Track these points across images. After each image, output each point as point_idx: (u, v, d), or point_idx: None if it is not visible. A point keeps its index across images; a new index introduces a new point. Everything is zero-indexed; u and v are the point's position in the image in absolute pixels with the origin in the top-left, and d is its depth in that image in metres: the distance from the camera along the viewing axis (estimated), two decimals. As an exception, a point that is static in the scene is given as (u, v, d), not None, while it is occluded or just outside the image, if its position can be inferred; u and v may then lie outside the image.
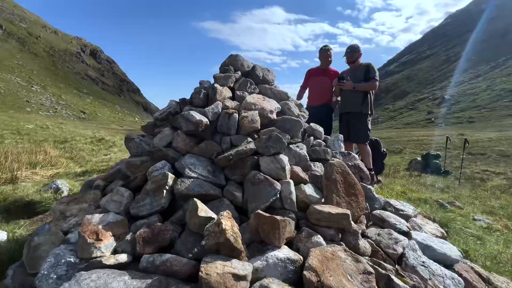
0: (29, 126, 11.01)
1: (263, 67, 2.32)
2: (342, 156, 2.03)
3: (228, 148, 1.66)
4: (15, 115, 22.51)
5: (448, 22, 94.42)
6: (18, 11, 66.36)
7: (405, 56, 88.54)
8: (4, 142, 7.17)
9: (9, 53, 51.20)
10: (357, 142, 3.40)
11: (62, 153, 6.17)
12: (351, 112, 3.40)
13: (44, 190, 2.97)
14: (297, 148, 1.72)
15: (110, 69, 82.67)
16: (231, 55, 2.30)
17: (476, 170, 7.91)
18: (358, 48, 3.39)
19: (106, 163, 4.18)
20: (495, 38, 61.34)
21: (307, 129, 2.17)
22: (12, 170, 4.10)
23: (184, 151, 1.65)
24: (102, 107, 53.33)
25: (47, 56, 62.37)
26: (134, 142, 1.74)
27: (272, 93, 2.19)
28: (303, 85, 3.94)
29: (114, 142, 7.51)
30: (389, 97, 61.99)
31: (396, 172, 6.88)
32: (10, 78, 40.67)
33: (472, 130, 23.47)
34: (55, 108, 37.09)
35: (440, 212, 2.70)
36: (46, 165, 4.81)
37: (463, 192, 5.24)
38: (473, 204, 4.08)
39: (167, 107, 1.87)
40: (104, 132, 17.72)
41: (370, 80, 3.27)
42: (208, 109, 1.72)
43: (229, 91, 1.99)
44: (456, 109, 39.10)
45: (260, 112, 1.79)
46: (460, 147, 13.52)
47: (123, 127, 30.13)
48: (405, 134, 23.24)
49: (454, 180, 6.38)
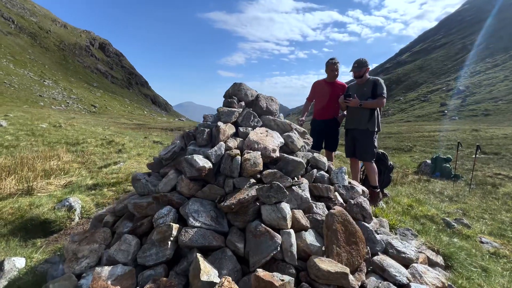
0: (43, 126, 11.34)
1: (266, 96, 2.31)
2: (345, 190, 2.04)
3: (231, 191, 1.70)
4: (29, 110, 23.23)
5: (465, 8, 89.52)
6: (28, 5, 67.14)
7: (419, 45, 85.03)
8: (20, 145, 7.45)
9: (21, 48, 52.27)
10: (363, 160, 3.38)
11: (74, 157, 6.37)
12: (357, 129, 3.36)
13: (58, 207, 3.11)
14: (299, 190, 1.73)
15: (118, 63, 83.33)
16: (234, 84, 2.30)
17: (488, 173, 7.70)
18: (366, 63, 3.31)
19: (116, 175, 4.31)
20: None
21: (311, 160, 2.17)
22: (28, 181, 4.30)
23: (188, 195, 1.70)
24: (112, 101, 54.24)
25: (58, 50, 63.36)
26: (141, 183, 1.80)
27: (276, 124, 2.19)
28: (309, 97, 3.90)
29: (123, 145, 7.68)
30: (400, 88, 60.20)
31: (405, 177, 6.78)
32: (23, 73, 41.73)
33: (487, 124, 22.64)
34: (67, 102, 38.00)
35: (445, 236, 2.68)
36: (60, 173, 5.00)
37: (473, 201, 5.14)
38: (482, 219, 4.01)
39: (172, 146, 1.91)
40: (114, 128, 18.09)
41: (378, 97, 3.20)
42: (211, 152, 1.74)
43: (233, 127, 2.00)
44: (471, 101, 37.68)
45: (262, 152, 1.80)
46: (472, 145, 13.15)
47: (133, 121, 30.64)
48: (416, 128, 22.66)
49: (465, 186, 6.25)
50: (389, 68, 79.20)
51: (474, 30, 68.01)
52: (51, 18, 72.85)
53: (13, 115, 14.20)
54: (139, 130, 20.08)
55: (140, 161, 5.41)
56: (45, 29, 64.99)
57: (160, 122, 32.56)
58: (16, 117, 13.73)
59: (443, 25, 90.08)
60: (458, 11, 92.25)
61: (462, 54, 60.31)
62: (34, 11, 67.37)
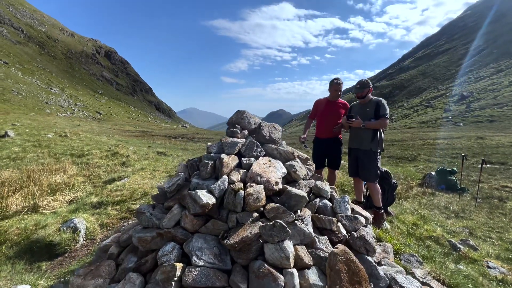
0: (49, 136, 11.53)
1: (269, 124, 2.34)
2: (348, 220, 2.03)
3: (234, 226, 1.71)
4: (36, 117, 23.65)
5: (467, 13, 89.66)
6: (37, 16, 69.01)
7: (421, 51, 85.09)
8: (26, 157, 7.57)
9: (30, 56, 53.54)
10: (366, 180, 3.37)
11: (79, 170, 6.45)
12: (360, 149, 3.36)
13: (63, 229, 3.14)
14: (301, 225, 1.74)
15: (123, 70, 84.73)
16: (237, 112, 2.33)
17: (494, 185, 7.58)
18: (368, 83, 3.33)
19: (121, 192, 4.35)
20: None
21: (313, 188, 2.18)
22: (34, 198, 4.37)
23: (192, 231, 1.71)
24: (117, 107, 54.97)
25: (65, 58, 64.73)
26: (145, 216, 1.82)
27: (278, 153, 2.21)
28: (311, 115, 3.93)
29: (127, 157, 7.75)
30: (403, 94, 60.08)
31: (409, 190, 6.71)
32: (31, 81, 42.63)
33: (493, 130, 22.39)
34: (73, 109, 38.63)
35: (452, 263, 2.64)
36: (65, 189, 5.06)
37: (479, 217, 5.06)
38: (489, 239, 3.94)
39: (176, 179, 1.94)
40: (119, 137, 18.29)
41: (380, 118, 3.20)
42: (214, 186, 1.77)
43: (236, 158, 2.03)
44: (475, 106, 37.39)
45: (265, 186, 1.82)
46: (478, 154, 13.00)
47: (137, 128, 30.97)
48: (420, 135, 22.50)
49: (471, 200, 6.16)
50: (392, 74, 79.20)
51: (476, 35, 67.96)
52: (59, 27, 74.69)
53: (20, 124, 14.46)
54: (143, 138, 20.28)
55: (144, 176, 5.45)
56: (53, 38, 66.59)
57: (164, 129, 32.83)
58: (23, 126, 13.98)
59: (446, 31, 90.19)
60: (460, 17, 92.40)
61: (465, 59, 60.17)
62: (42, 21, 69.19)
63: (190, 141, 21.13)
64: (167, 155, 8.82)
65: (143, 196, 4.20)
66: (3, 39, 51.07)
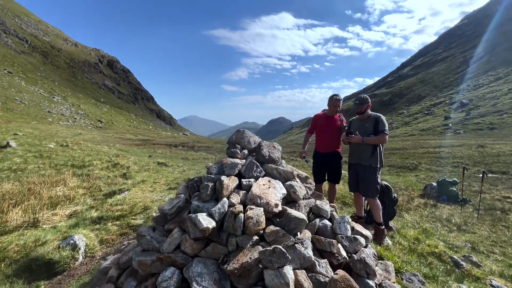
0: (50, 146, 11.58)
1: (268, 144, 2.37)
2: (348, 241, 2.03)
3: (234, 250, 1.71)
4: (37, 126, 23.81)
5: (465, 22, 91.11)
6: (42, 26, 70.44)
7: (420, 59, 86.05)
8: (27, 168, 7.59)
9: (33, 66, 54.35)
10: (367, 196, 3.36)
11: (79, 182, 6.46)
12: (360, 164, 3.37)
13: (62, 246, 3.13)
14: (301, 248, 1.74)
15: (125, 79, 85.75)
16: (238, 132, 2.37)
17: (496, 196, 7.53)
18: (367, 99, 3.37)
19: (121, 207, 4.34)
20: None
21: (313, 208, 2.18)
22: (34, 212, 4.36)
23: (192, 255, 1.72)
24: (118, 116, 55.32)
25: (68, 68, 65.65)
26: (146, 239, 1.83)
27: (278, 173, 2.23)
28: (310, 129, 3.96)
29: (128, 168, 7.77)
30: (403, 101, 60.39)
31: (411, 201, 6.67)
32: (33, 90, 43.13)
33: (493, 138, 22.38)
34: (74, 118, 38.92)
35: (454, 282, 2.61)
36: (65, 202, 5.06)
37: (482, 230, 5.01)
38: (492, 254, 3.90)
39: (176, 201, 1.95)
40: (119, 146, 18.35)
41: (379, 134, 3.23)
42: (214, 210, 1.78)
43: (236, 179, 2.04)
44: (475, 114, 37.52)
45: (265, 208, 1.83)
46: (479, 163, 12.97)
47: (138, 136, 31.10)
48: (421, 143, 22.48)
49: (473, 212, 6.11)
50: (392, 82, 79.84)
51: (474, 44, 68.84)
52: (63, 37, 76.11)
53: (22, 134, 14.54)
54: (143, 146, 20.34)
55: (144, 189, 5.45)
56: (56, 47, 67.76)
57: (165, 137, 32.93)
58: (25, 135, 14.06)
59: (443, 40, 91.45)
60: (458, 26, 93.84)
61: (463, 67, 60.75)
62: (47, 31, 70.59)
63: (190, 149, 21.17)
64: (167, 166, 8.83)
65: (144, 211, 4.19)
66: (8, 49, 51.99)
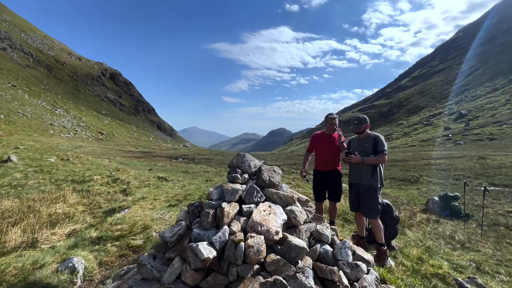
0: (51, 160, 11.60)
1: (268, 168, 2.40)
2: (349, 268, 2.01)
3: (235, 280, 1.70)
4: (39, 139, 23.93)
5: (459, 35, 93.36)
6: (47, 41, 72.26)
7: (417, 71, 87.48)
8: (27, 184, 7.59)
9: (37, 79, 55.32)
10: (368, 216, 3.35)
11: (79, 198, 6.44)
12: (360, 184, 3.38)
13: (61, 269, 3.09)
14: (302, 278, 1.73)
15: (127, 91, 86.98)
16: (238, 155, 2.40)
17: (500, 210, 7.46)
18: (366, 119, 3.43)
19: (120, 226, 4.31)
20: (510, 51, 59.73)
21: (314, 233, 2.18)
22: (33, 232, 4.33)
23: (193, 285, 1.70)
24: (119, 128, 55.69)
25: (71, 81, 66.75)
26: (146, 269, 1.82)
27: (278, 197, 2.24)
28: (309, 148, 4.00)
29: (128, 184, 7.76)
30: (402, 112, 60.89)
31: (413, 216, 6.60)
32: (36, 103, 43.68)
33: (494, 149, 22.38)
34: (76, 130, 39.19)
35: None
36: (64, 220, 5.02)
37: (486, 248, 4.93)
38: (497, 274, 3.82)
39: (177, 228, 1.96)
40: (120, 159, 18.37)
41: (379, 154, 3.26)
42: (215, 238, 1.78)
43: (237, 206, 2.06)
44: (475, 124, 37.72)
45: (266, 236, 1.83)
46: (481, 174, 12.92)
47: (138, 148, 31.18)
48: (422, 155, 22.46)
49: (476, 228, 6.04)
50: (390, 93, 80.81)
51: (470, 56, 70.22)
52: (67, 51, 77.90)
53: (23, 147, 14.60)
54: (144, 159, 20.35)
55: (144, 206, 5.43)
56: (61, 61, 69.21)
57: (165, 149, 32.99)
58: (26, 149, 14.12)
59: (439, 52, 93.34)
60: (453, 39, 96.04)
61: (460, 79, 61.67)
62: (52, 46, 72.35)
63: (191, 162, 21.16)
64: (168, 181, 8.81)
65: (143, 230, 4.16)
66: (13, 63, 53.11)
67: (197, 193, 6.77)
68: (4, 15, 65.53)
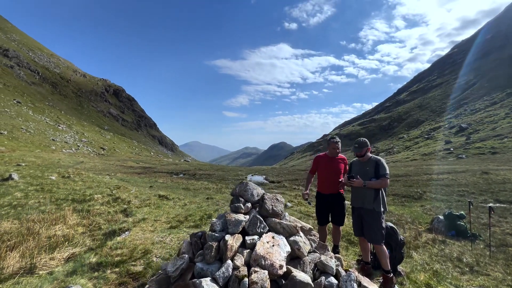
0: (52, 178, 11.59)
1: (271, 196, 2.40)
2: (356, 303, 1.96)
3: (239, 319, 1.66)
4: (40, 155, 24.03)
5: (455, 51, 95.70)
6: (53, 59, 74.45)
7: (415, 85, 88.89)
8: (28, 204, 7.54)
9: (42, 95, 56.46)
10: (372, 242, 3.29)
11: (79, 219, 6.38)
12: (363, 208, 3.35)
13: (59, 299, 3.01)
14: (308, 316, 1.68)
15: (130, 107, 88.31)
16: (241, 184, 2.41)
17: (507, 229, 7.30)
18: (366, 143, 3.46)
19: (121, 250, 4.24)
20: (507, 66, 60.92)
21: (318, 264, 2.14)
22: (32, 257, 4.26)
23: (195, 325, 1.67)
24: (121, 143, 55.98)
25: (75, 97, 68.05)
26: (147, 306, 1.78)
27: (282, 227, 2.23)
28: (312, 170, 4.01)
29: (129, 203, 7.70)
30: (402, 126, 61.22)
31: (418, 237, 6.45)
32: (40, 119, 44.29)
33: (497, 163, 22.23)
34: (77, 146, 39.41)
35: None
36: (63, 243, 4.95)
37: (496, 271, 4.78)
38: (509, 302, 3.68)
39: (180, 262, 1.93)
40: (121, 175, 18.33)
41: (381, 178, 3.26)
42: (218, 274, 1.76)
43: (240, 238, 2.04)
44: (475, 138, 37.73)
45: (269, 271, 1.81)
46: (485, 190, 12.76)
47: (139, 164, 31.18)
48: (424, 169, 22.31)
49: (484, 249, 5.88)
50: (390, 107, 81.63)
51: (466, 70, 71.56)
52: (72, 69, 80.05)
53: (25, 164, 14.65)
54: (145, 175, 20.30)
55: (145, 228, 5.36)
56: (66, 78, 70.94)
57: (166, 164, 32.97)
58: (27, 166, 14.16)
59: (436, 67, 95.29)
60: (449, 54, 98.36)
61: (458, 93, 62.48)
62: (58, 64, 74.47)
63: (192, 178, 21.06)
64: (168, 199, 8.74)
65: (144, 255, 4.07)
66: (19, 80, 54.46)
67: (198, 213, 6.69)
68: (14, 35, 68.10)
